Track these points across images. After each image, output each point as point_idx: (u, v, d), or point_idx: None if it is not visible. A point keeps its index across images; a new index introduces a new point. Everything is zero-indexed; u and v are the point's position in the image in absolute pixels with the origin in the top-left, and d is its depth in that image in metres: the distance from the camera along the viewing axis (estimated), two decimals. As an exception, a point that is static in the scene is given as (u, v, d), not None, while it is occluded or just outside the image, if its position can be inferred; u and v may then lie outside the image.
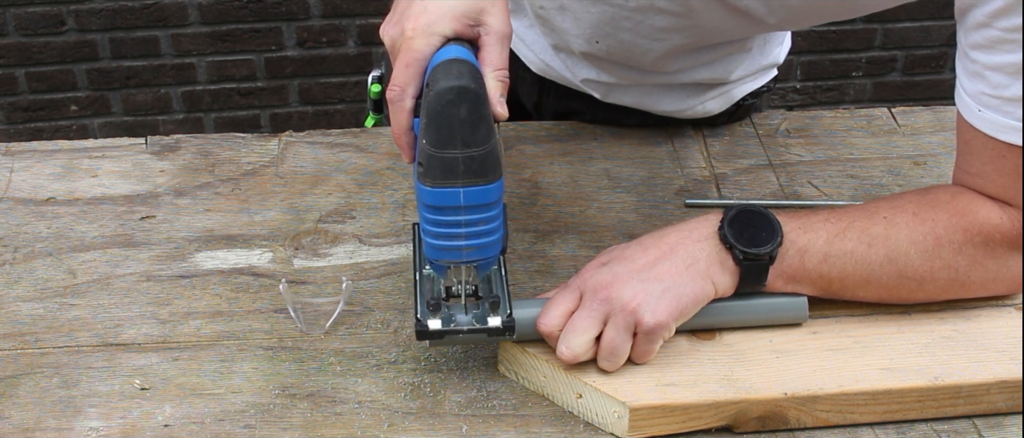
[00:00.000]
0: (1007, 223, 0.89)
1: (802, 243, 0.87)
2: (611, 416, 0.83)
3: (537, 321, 0.85)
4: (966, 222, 0.88)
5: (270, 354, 0.91)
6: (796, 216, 0.89)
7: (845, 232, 0.88)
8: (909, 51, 2.82)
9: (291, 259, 1.02)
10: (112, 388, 0.88)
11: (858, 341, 0.88)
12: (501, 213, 0.81)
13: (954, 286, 0.90)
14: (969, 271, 0.89)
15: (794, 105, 2.85)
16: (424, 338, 0.84)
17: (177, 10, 2.66)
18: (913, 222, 0.88)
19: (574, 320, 0.84)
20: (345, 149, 1.17)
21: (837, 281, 0.88)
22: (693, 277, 0.85)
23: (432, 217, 0.79)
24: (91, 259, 1.01)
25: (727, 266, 0.86)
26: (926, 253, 0.88)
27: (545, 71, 1.20)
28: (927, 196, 0.91)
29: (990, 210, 0.89)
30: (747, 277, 0.86)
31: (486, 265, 0.83)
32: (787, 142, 1.18)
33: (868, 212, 0.90)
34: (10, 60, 2.68)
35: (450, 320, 0.84)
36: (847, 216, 0.89)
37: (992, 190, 0.89)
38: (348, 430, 0.84)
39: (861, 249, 0.87)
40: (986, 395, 0.85)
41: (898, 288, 0.89)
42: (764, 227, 0.87)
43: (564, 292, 0.86)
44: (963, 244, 0.88)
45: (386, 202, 1.09)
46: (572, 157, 1.16)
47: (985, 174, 0.89)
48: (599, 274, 0.86)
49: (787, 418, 0.83)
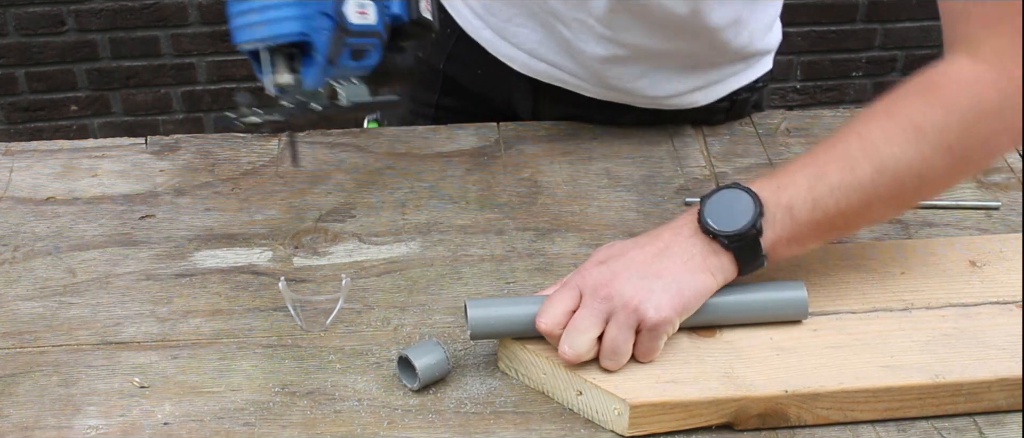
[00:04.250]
0: (983, 70, 0.84)
1: (785, 201, 0.85)
2: (611, 413, 0.83)
3: (537, 320, 0.85)
4: (940, 94, 0.84)
5: (270, 352, 0.91)
6: (772, 176, 0.87)
7: (824, 169, 0.85)
8: (909, 51, 2.82)
9: (291, 257, 1.02)
10: (112, 386, 0.88)
11: (859, 338, 0.88)
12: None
13: (958, 163, 0.85)
14: (963, 141, 0.84)
15: (794, 105, 2.85)
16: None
17: (177, 10, 2.66)
18: (886, 122, 0.85)
19: (576, 319, 0.84)
20: (345, 148, 1.17)
21: (838, 219, 0.85)
22: (692, 271, 0.84)
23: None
24: (91, 258, 1.01)
25: (720, 253, 0.85)
26: (909, 144, 0.84)
27: (534, 70, 1.19)
28: (895, 91, 0.87)
29: (961, 67, 0.85)
30: (742, 257, 0.85)
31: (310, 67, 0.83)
32: (787, 141, 1.18)
33: (840, 138, 0.86)
34: (10, 60, 2.68)
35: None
36: (821, 152, 0.86)
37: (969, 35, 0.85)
38: (348, 428, 0.84)
39: (846, 177, 0.84)
40: (987, 393, 0.85)
41: (901, 194, 0.85)
42: (740, 203, 0.85)
43: (564, 290, 0.86)
44: (945, 117, 0.84)
45: (386, 201, 1.09)
46: (572, 156, 1.16)
47: (967, 30, 0.85)
48: (599, 272, 0.85)
49: (788, 415, 0.83)
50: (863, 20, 2.77)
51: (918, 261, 0.97)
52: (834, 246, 1.00)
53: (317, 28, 0.85)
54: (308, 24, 0.84)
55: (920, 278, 0.95)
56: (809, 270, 0.95)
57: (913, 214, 1.07)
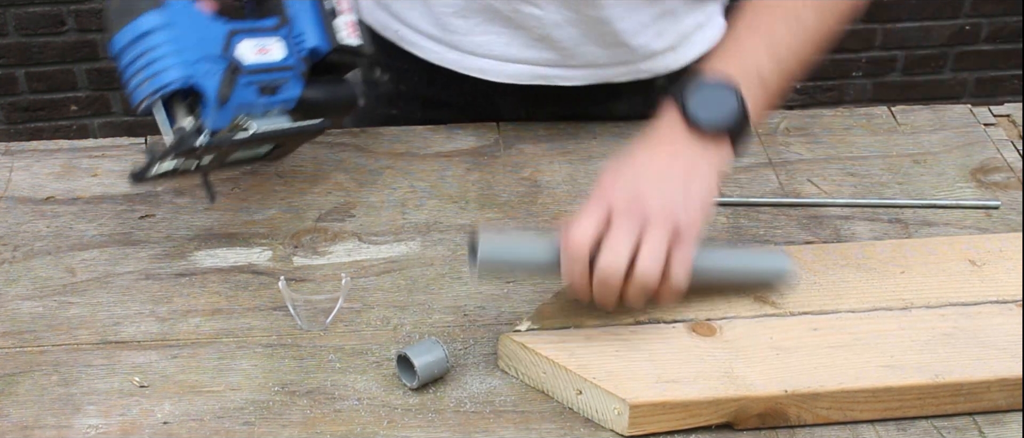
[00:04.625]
0: None
1: (753, 70, 0.89)
2: (611, 413, 0.83)
3: (567, 239, 0.82)
4: None
5: (269, 351, 0.91)
6: (725, 54, 0.91)
7: (772, 28, 0.90)
8: (909, 51, 2.82)
9: (290, 257, 1.02)
10: (111, 386, 0.88)
11: (859, 338, 0.88)
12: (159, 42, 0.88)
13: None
14: None
15: (794, 105, 2.85)
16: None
17: (177, 10, 2.66)
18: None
19: (612, 238, 0.82)
20: (344, 148, 1.17)
21: (795, 61, 0.91)
22: (704, 173, 0.86)
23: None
24: (90, 257, 1.01)
25: (720, 143, 0.87)
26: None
27: (510, 74, 1.19)
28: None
29: None
30: (739, 140, 0.88)
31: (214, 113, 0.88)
32: (787, 141, 1.18)
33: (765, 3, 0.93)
34: (10, 60, 2.68)
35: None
36: (758, 17, 0.92)
37: None
38: (348, 427, 0.84)
39: (794, 28, 0.91)
40: (987, 393, 0.85)
41: (828, 29, 0.94)
42: (717, 91, 0.88)
43: (590, 209, 0.84)
44: None
45: (385, 200, 1.09)
46: (572, 156, 1.16)
47: None
48: (623, 188, 0.84)
49: (788, 415, 0.83)
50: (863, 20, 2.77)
51: (918, 260, 0.97)
52: (834, 246, 1.00)
53: (203, 72, 0.89)
54: (190, 69, 0.89)
55: (920, 277, 0.95)
56: (809, 270, 0.95)
57: (913, 214, 1.07)
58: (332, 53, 0.97)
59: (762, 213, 1.08)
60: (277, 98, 0.93)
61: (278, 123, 0.95)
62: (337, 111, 1.01)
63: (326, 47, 0.97)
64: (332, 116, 1.00)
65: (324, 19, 0.97)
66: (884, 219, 1.07)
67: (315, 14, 0.97)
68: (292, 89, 0.94)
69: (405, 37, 1.20)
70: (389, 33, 1.21)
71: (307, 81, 0.97)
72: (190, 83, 0.89)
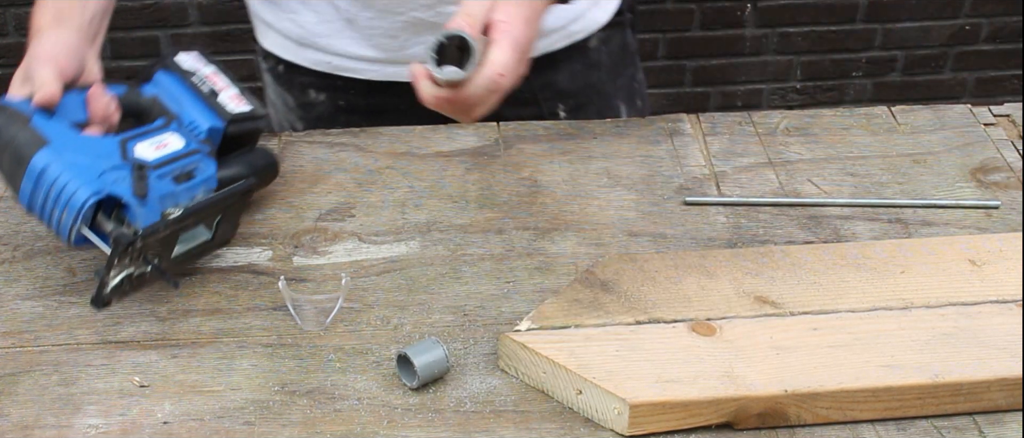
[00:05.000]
0: None
1: None
2: (611, 412, 0.83)
3: (495, 76, 0.91)
4: None
5: (269, 351, 0.91)
6: None
7: None
8: (909, 51, 2.82)
9: (290, 257, 1.02)
10: (111, 386, 0.88)
11: (858, 338, 0.88)
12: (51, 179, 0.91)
13: None
14: None
15: (794, 105, 2.85)
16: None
17: (177, 10, 2.66)
18: None
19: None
20: (344, 148, 1.17)
21: None
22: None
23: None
24: (91, 257, 1.01)
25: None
26: None
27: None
28: None
29: None
30: None
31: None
32: (787, 141, 1.18)
33: None
34: (10, 60, 2.68)
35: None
36: None
37: None
38: (348, 427, 0.84)
39: None
40: (987, 392, 0.85)
41: None
42: None
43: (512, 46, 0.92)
44: None
45: (385, 200, 1.09)
46: (572, 156, 1.16)
47: None
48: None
49: (787, 415, 0.83)
50: (863, 20, 2.77)
51: (918, 260, 0.97)
52: (834, 246, 1.00)
53: (112, 181, 0.92)
54: (98, 183, 0.91)
55: (920, 277, 0.95)
56: (809, 270, 0.95)
57: (913, 213, 1.07)
58: (231, 126, 1.01)
59: (762, 213, 1.08)
60: (196, 181, 0.96)
61: (203, 196, 0.97)
62: (260, 177, 1.04)
63: (221, 124, 1.01)
64: (258, 185, 1.04)
65: (207, 101, 1.02)
66: (884, 219, 1.07)
67: (197, 101, 1.02)
68: (207, 169, 0.97)
69: (340, 66, 1.24)
70: (322, 67, 1.24)
71: (221, 160, 1.00)
72: (104, 194, 0.91)
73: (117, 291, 0.90)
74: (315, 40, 1.22)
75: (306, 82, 1.27)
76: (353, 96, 1.27)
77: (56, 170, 0.91)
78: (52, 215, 0.91)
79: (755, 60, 2.72)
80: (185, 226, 0.93)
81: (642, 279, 0.94)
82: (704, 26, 2.68)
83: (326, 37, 1.21)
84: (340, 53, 1.22)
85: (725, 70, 2.72)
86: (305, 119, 1.30)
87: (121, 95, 1.02)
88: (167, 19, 2.67)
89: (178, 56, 1.06)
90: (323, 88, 1.27)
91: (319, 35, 1.22)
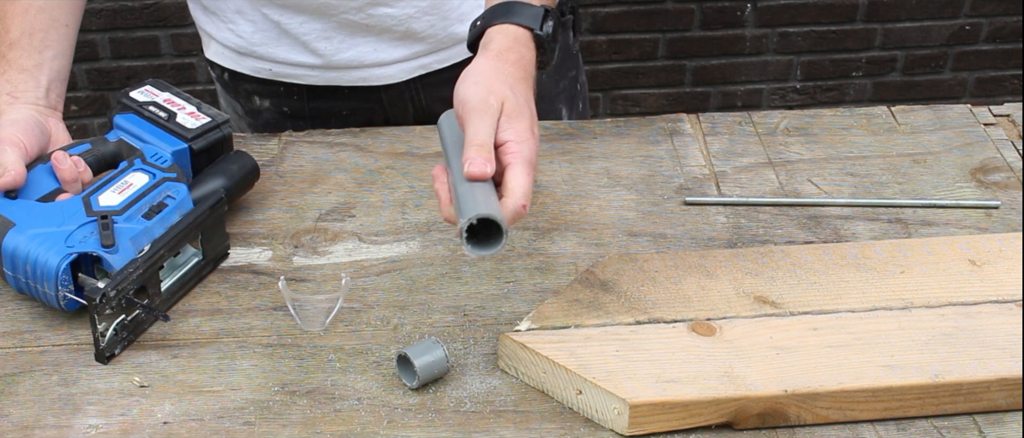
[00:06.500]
0: None
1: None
2: (611, 412, 0.83)
3: (519, 209, 0.82)
4: None
5: (269, 351, 0.91)
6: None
7: None
8: (909, 51, 2.82)
9: (291, 257, 1.02)
10: (111, 386, 0.88)
11: (859, 338, 0.88)
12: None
13: None
14: None
15: (794, 105, 2.85)
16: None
17: (177, 10, 2.66)
18: None
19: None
20: (344, 148, 1.17)
21: None
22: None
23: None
24: (91, 257, 1.01)
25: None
26: None
27: (387, 76, 1.23)
28: None
29: None
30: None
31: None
32: (787, 141, 1.18)
33: None
34: None
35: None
36: None
37: None
38: (348, 427, 0.84)
39: None
40: (986, 392, 0.85)
41: None
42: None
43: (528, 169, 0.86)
44: None
45: (385, 200, 1.09)
46: (572, 156, 1.16)
47: None
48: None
49: (787, 415, 0.83)
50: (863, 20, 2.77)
51: (918, 260, 0.97)
52: (834, 246, 1.00)
53: (80, 240, 0.91)
54: (64, 248, 0.90)
55: (920, 277, 0.95)
56: (809, 270, 0.95)
57: (913, 213, 1.07)
58: (195, 142, 1.01)
59: (762, 213, 1.08)
60: (169, 210, 0.95)
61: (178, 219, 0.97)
62: (239, 182, 1.04)
63: (183, 145, 1.01)
64: (238, 190, 1.04)
65: (166, 127, 1.02)
66: (884, 219, 1.07)
67: (156, 130, 1.02)
68: (178, 193, 0.97)
69: (281, 72, 1.26)
70: (264, 74, 1.25)
71: (197, 177, 1.01)
72: (74, 255, 0.90)
73: (115, 342, 0.90)
74: (254, 49, 1.24)
75: (250, 89, 1.29)
76: (296, 102, 1.28)
77: (25, 247, 0.91)
78: (37, 290, 0.92)
79: (755, 60, 2.72)
80: (157, 258, 0.92)
81: (642, 279, 0.94)
82: (704, 26, 2.68)
83: (263, 45, 1.23)
84: (279, 60, 1.24)
85: (725, 70, 2.72)
86: (253, 126, 1.32)
87: (87, 150, 1.01)
88: (167, 19, 2.67)
89: (131, 93, 1.06)
90: (267, 95, 1.29)
91: (257, 44, 1.23)
